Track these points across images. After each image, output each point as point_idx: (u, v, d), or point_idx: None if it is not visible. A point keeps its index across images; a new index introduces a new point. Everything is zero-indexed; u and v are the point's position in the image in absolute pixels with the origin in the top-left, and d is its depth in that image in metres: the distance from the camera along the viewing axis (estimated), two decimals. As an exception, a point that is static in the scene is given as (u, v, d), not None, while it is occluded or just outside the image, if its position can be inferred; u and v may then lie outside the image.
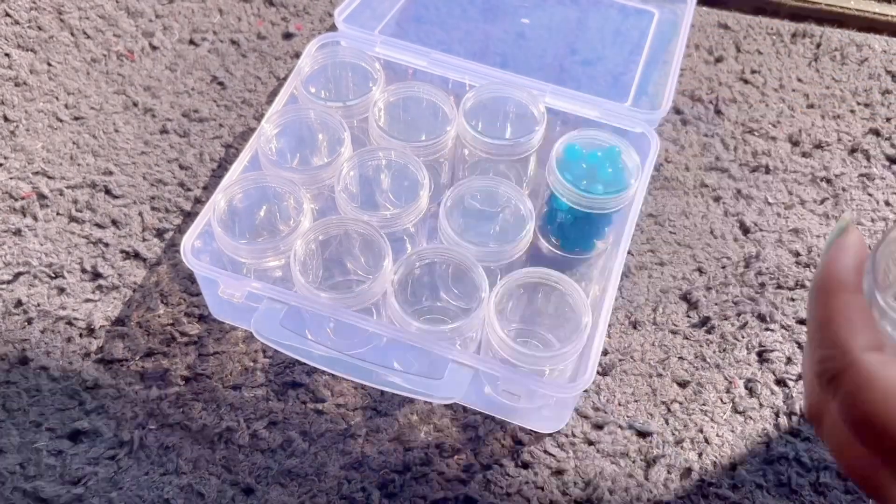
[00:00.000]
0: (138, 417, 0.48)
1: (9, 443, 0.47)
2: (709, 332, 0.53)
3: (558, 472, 0.47)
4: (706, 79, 0.69)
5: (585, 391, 0.50)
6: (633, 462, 0.48)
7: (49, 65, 0.64)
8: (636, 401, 0.50)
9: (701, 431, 0.49)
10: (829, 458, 0.48)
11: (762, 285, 0.56)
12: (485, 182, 0.51)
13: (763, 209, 0.60)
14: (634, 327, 0.54)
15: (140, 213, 0.57)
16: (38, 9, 0.67)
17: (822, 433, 0.28)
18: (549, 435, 0.49)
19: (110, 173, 0.59)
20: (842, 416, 0.25)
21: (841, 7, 0.75)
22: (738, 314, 0.54)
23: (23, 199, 0.57)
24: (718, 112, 0.67)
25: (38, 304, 0.52)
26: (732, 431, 0.49)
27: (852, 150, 0.65)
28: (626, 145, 0.51)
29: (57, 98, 0.63)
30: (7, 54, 0.64)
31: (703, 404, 0.50)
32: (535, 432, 0.49)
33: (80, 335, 0.51)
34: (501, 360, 0.44)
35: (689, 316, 0.54)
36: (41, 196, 0.58)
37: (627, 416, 0.50)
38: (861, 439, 0.25)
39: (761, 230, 0.59)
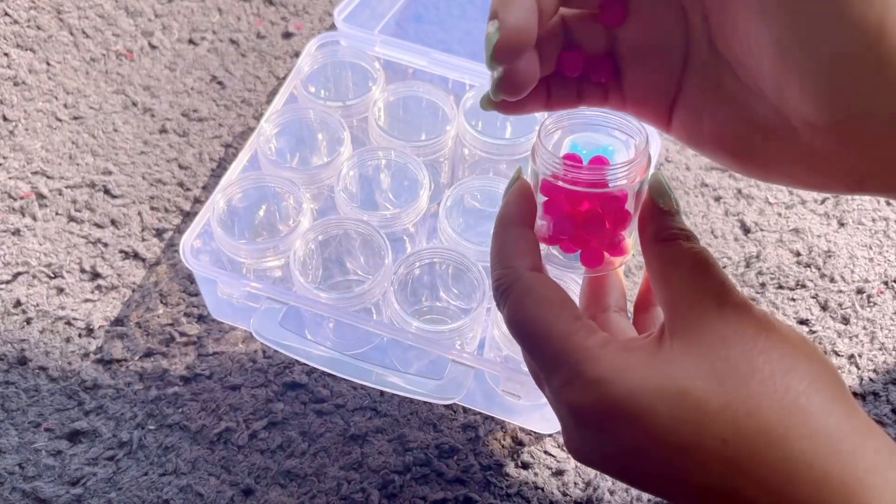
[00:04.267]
0: (137, 418, 0.48)
1: (8, 443, 0.47)
2: (709, 332, 0.53)
3: (558, 473, 0.47)
4: (706, 78, 0.69)
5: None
6: (634, 462, 0.48)
7: (48, 64, 0.64)
8: (636, 401, 0.50)
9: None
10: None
11: (763, 285, 0.56)
12: (485, 182, 0.51)
13: (764, 209, 0.60)
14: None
15: (139, 213, 0.57)
16: (36, 8, 0.67)
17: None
18: (549, 435, 0.48)
19: (109, 173, 0.59)
20: (507, 321, 0.30)
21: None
22: (739, 314, 0.54)
23: (22, 198, 0.57)
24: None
25: (37, 304, 0.52)
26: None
27: (853, 150, 0.64)
28: (620, 145, 0.51)
29: (56, 98, 0.63)
30: (6, 54, 0.64)
31: (704, 404, 0.50)
32: (535, 432, 0.49)
33: (79, 335, 0.51)
34: (505, 356, 0.44)
35: (689, 316, 0.54)
36: (40, 196, 0.57)
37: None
38: (519, 340, 0.30)
39: (762, 230, 0.59)
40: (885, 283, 0.56)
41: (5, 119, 0.61)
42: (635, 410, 0.25)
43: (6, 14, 0.66)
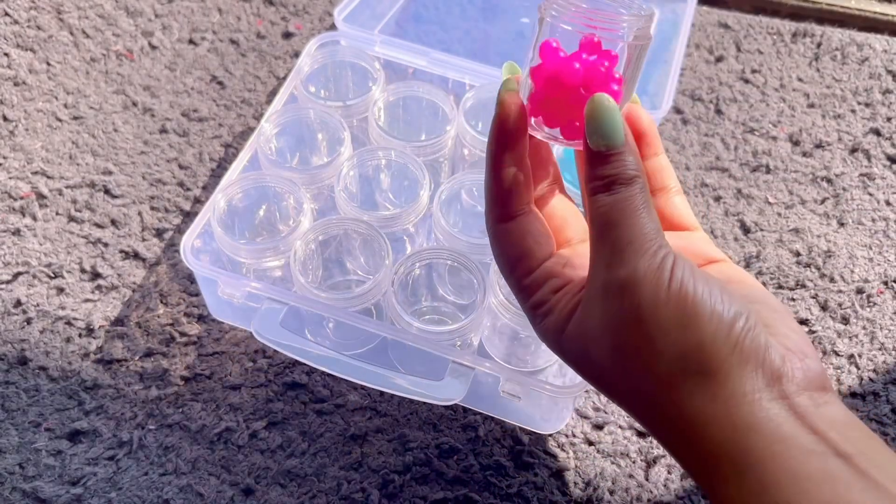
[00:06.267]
0: (137, 418, 0.48)
1: (8, 443, 0.47)
2: (709, 332, 0.53)
3: (558, 473, 0.47)
4: (707, 78, 0.69)
5: (586, 391, 0.50)
6: (634, 462, 0.48)
7: (48, 64, 0.64)
8: (636, 401, 0.50)
9: (701, 432, 0.49)
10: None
11: (763, 285, 0.56)
12: (480, 175, 0.51)
13: (763, 209, 0.60)
14: (635, 327, 0.54)
15: (139, 213, 0.57)
16: (37, 8, 0.67)
17: None
18: (550, 435, 0.48)
19: (109, 173, 0.59)
20: None
21: (841, 7, 0.75)
22: (739, 314, 0.54)
23: (22, 198, 0.57)
24: (719, 111, 0.67)
25: (38, 304, 0.52)
26: (733, 432, 0.49)
27: (853, 150, 0.65)
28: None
29: (56, 98, 0.63)
30: (6, 54, 0.64)
31: (704, 404, 0.50)
32: (535, 432, 0.49)
33: (80, 335, 0.51)
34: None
35: (689, 316, 0.54)
36: (40, 196, 0.57)
37: (628, 417, 0.50)
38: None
39: (762, 230, 0.59)
40: (885, 283, 0.56)
41: (5, 119, 0.61)
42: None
43: (6, 14, 0.66)
